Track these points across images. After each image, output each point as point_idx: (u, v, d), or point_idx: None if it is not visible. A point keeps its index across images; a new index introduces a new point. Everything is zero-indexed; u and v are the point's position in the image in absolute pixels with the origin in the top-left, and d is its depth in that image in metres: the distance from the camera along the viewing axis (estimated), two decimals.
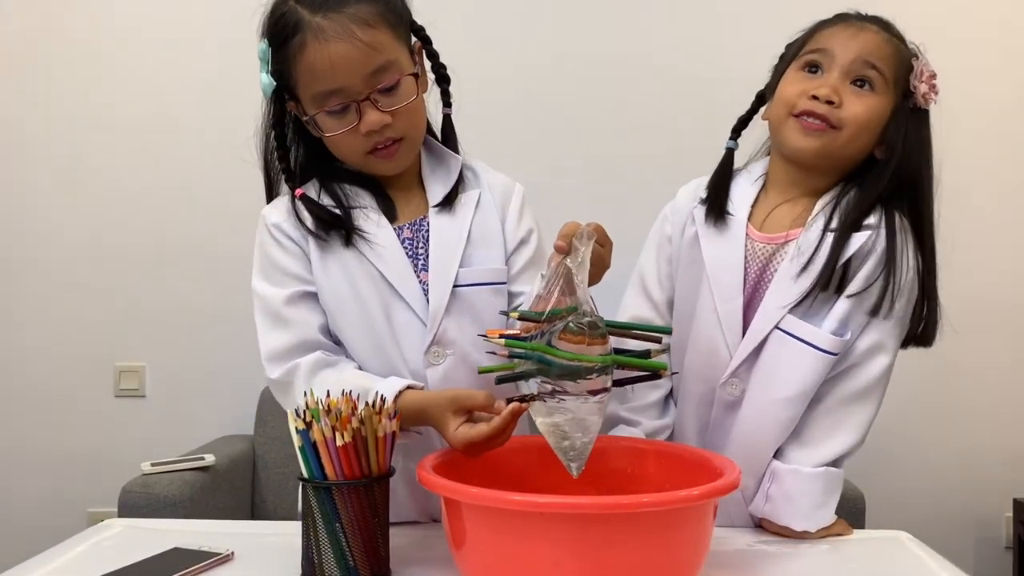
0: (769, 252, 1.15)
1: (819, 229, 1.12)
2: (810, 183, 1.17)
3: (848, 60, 1.11)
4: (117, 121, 2.40)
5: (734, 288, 1.14)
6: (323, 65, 1.04)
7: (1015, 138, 2.38)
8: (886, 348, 1.14)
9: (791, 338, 1.11)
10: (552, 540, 0.80)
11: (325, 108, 1.07)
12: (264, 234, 1.15)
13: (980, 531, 2.39)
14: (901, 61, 1.13)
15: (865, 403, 1.14)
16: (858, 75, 1.11)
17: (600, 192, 2.34)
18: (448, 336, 1.12)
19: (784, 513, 1.11)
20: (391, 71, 1.07)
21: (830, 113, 1.10)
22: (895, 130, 1.12)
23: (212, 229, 2.38)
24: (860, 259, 1.11)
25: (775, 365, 1.12)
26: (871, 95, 1.11)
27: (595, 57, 2.37)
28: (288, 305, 1.11)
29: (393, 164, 1.13)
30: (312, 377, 1.07)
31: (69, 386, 2.41)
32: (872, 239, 1.11)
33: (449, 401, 0.99)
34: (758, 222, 1.17)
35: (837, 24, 1.16)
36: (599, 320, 0.88)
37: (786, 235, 1.15)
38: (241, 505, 2.19)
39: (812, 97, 1.11)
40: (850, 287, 1.10)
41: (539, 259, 1.20)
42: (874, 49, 1.12)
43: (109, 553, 1.03)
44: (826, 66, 1.13)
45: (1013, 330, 2.36)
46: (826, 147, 1.12)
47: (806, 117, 1.11)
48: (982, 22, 2.35)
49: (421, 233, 1.15)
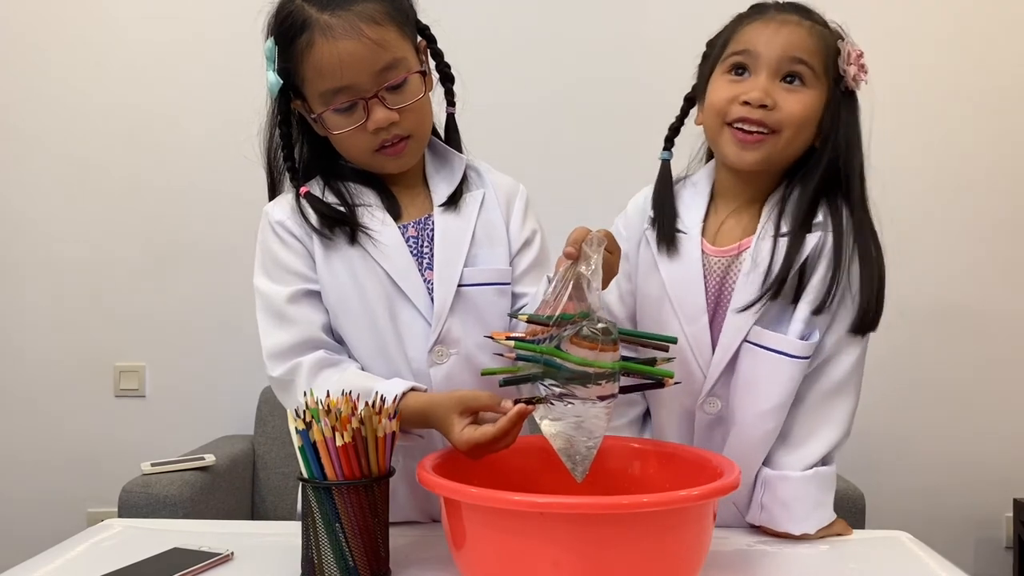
0: (724, 265, 1.13)
1: (770, 237, 1.10)
2: (755, 187, 1.14)
3: (775, 58, 1.07)
4: (117, 121, 2.40)
5: (698, 308, 1.12)
6: (331, 63, 1.04)
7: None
8: (850, 342, 1.11)
9: (761, 349, 1.09)
10: (552, 540, 0.80)
11: (332, 106, 1.07)
12: (267, 231, 1.15)
13: (980, 531, 2.39)
14: (827, 48, 1.09)
15: (843, 396, 1.12)
16: (787, 72, 1.08)
17: (604, 193, 2.33)
18: (452, 335, 1.12)
19: (781, 519, 1.11)
20: (398, 69, 1.07)
21: (766, 117, 1.07)
22: (829, 118, 1.10)
23: (212, 229, 2.38)
24: (813, 260, 1.09)
25: (751, 378, 1.10)
26: (804, 90, 1.08)
27: (600, 57, 2.37)
28: (290, 303, 1.11)
29: (400, 162, 1.13)
30: (314, 377, 1.07)
31: (69, 386, 2.41)
32: (822, 238, 1.09)
33: (455, 402, 0.99)
34: (711, 236, 1.15)
35: (756, 20, 1.11)
36: (612, 327, 0.88)
37: (738, 246, 1.12)
38: (241, 505, 2.19)
39: (744, 103, 1.07)
40: (807, 294, 1.08)
41: (543, 260, 1.20)
42: (799, 42, 1.08)
43: (109, 553, 1.03)
44: (752, 67, 1.09)
45: (1013, 330, 2.36)
46: (767, 155, 1.09)
47: (741, 125, 1.08)
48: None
49: (426, 232, 1.15)
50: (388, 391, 1.00)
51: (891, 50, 2.28)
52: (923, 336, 2.31)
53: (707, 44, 1.19)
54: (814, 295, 1.08)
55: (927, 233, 2.31)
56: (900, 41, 2.32)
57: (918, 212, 2.31)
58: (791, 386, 1.09)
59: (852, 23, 1.13)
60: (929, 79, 2.35)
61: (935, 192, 2.32)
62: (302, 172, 1.16)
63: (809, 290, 1.08)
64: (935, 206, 2.32)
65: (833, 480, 1.13)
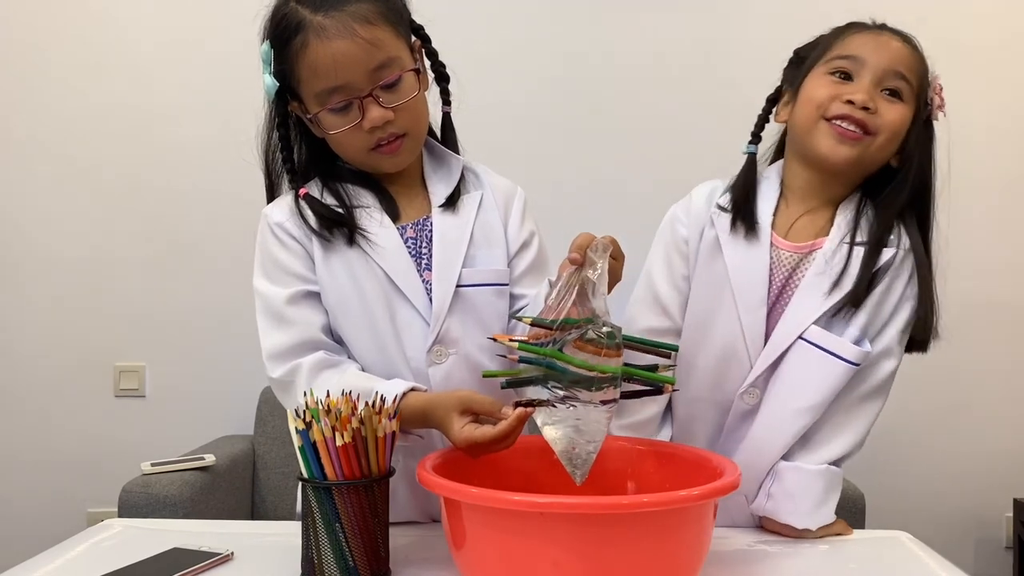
0: (795, 261, 1.14)
1: (845, 242, 1.13)
2: (830, 190, 1.17)
3: (881, 69, 1.11)
4: (117, 121, 2.40)
5: (759, 298, 1.13)
6: (325, 63, 1.05)
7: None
8: (893, 353, 1.15)
9: (815, 348, 1.11)
10: (552, 540, 0.80)
11: (328, 106, 1.07)
12: (266, 233, 1.15)
13: (980, 531, 2.39)
14: (923, 73, 1.14)
15: (871, 404, 1.15)
16: (889, 84, 1.12)
17: (602, 194, 2.34)
18: (451, 335, 1.12)
19: (785, 511, 1.12)
20: (392, 67, 1.08)
21: (867, 118, 1.10)
22: (914, 141, 1.14)
23: (212, 229, 2.38)
24: (883, 272, 1.12)
25: (796, 375, 1.12)
26: (901, 104, 1.12)
27: (598, 57, 2.37)
28: (290, 304, 1.11)
29: (396, 160, 1.13)
30: (314, 378, 1.07)
31: (69, 386, 2.41)
32: (895, 255, 1.13)
33: (456, 401, 0.99)
34: (783, 231, 1.16)
35: (864, 31, 1.15)
36: (616, 331, 0.88)
37: (812, 244, 1.15)
38: (241, 505, 2.19)
39: (847, 102, 1.10)
40: (868, 304, 1.12)
41: (541, 262, 1.21)
42: (903, 59, 1.12)
43: (109, 553, 1.03)
44: (856, 73, 1.12)
45: (1013, 331, 2.36)
46: (860, 155, 1.12)
47: (841, 122, 1.11)
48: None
49: (424, 233, 1.15)
50: (388, 391, 1.00)
51: None
52: None
53: (797, 50, 1.23)
54: (874, 306, 1.12)
55: None
56: None
57: None
58: (833, 388, 1.11)
59: None
60: None
61: None
62: (300, 174, 1.17)
63: (871, 301, 1.12)
64: None
65: (840, 482, 1.14)
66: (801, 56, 1.22)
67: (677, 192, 1.26)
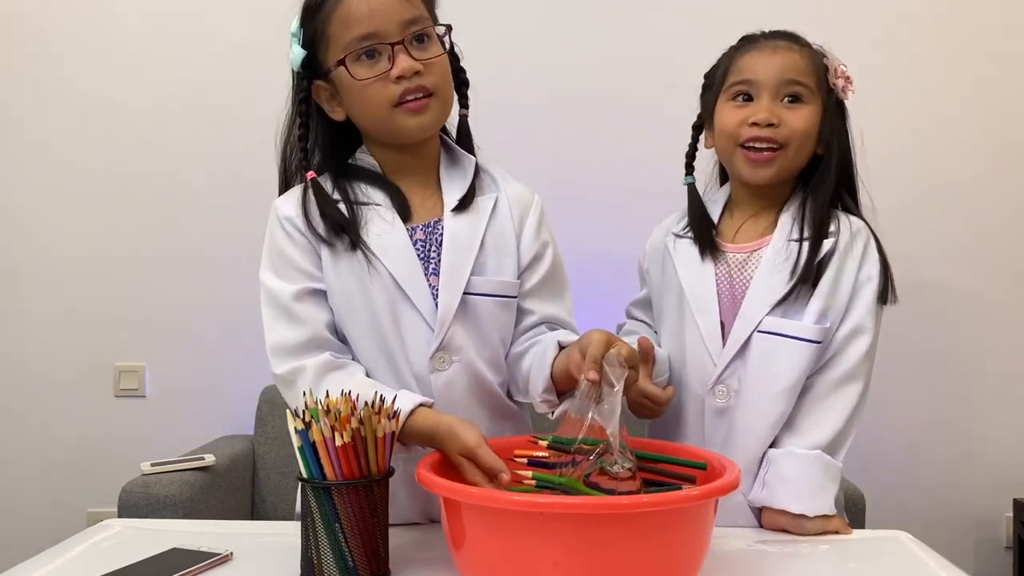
0: (741, 261, 1.24)
1: (791, 239, 1.21)
2: (769, 197, 1.27)
3: (774, 82, 1.21)
4: (117, 120, 2.40)
5: (710, 298, 1.23)
6: (360, 11, 1.08)
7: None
8: (865, 330, 1.20)
9: (775, 336, 1.18)
10: (551, 540, 0.80)
11: (357, 51, 1.09)
12: (275, 226, 1.15)
13: (980, 531, 2.39)
14: (818, 67, 1.23)
15: (850, 386, 1.19)
16: (786, 92, 1.22)
17: (615, 193, 2.33)
18: (455, 343, 1.11)
19: (781, 494, 1.13)
20: (424, 24, 1.11)
21: (775, 134, 1.20)
22: (828, 128, 1.23)
23: (213, 229, 2.37)
24: (830, 258, 1.20)
25: (762, 365, 1.18)
26: (803, 107, 1.22)
27: (611, 60, 2.35)
28: (296, 300, 1.11)
29: (421, 120, 1.11)
30: (319, 380, 1.06)
31: (69, 386, 2.41)
32: (837, 242, 1.21)
33: (462, 446, 0.95)
34: (729, 237, 1.27)
35: (751, 50, 1.25)
36: (632, 461, 0.89)
37: (756, 244, 1.24)
38: (241, 505, 2.19)
39: (752, 124, 1.21)
40: (820, 288, 1.18)
41: (552, 276, 1.20)
42: (793, 65, 1.22)
43: (108, 553, 1.03)
44: (755, 93, 1.23)
45: (1013, 330, 2.36)
46: (778, 170, 1.22)
47: (752, 144, 1.21)
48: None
49: (435, 236, 1.14)
50: (398, 405, 0.99)
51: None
52: (923, 336, 2.31)
53: (705, 76, 1.33)
54: (828, 290, 1.18)
55: (924, 235, 2.32)
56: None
57: (918, 212, 2.32)
58: (802, 368, 1.17)
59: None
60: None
61: (930, 189, 2.33)
62: (315, 167, 1.17)
63: (823, 286, 1.18)
64: (934, 204, 2.33)
65: (838, 475, 1.17)
66: (708, 82, 1.32)
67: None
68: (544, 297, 1.18)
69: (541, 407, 1.10)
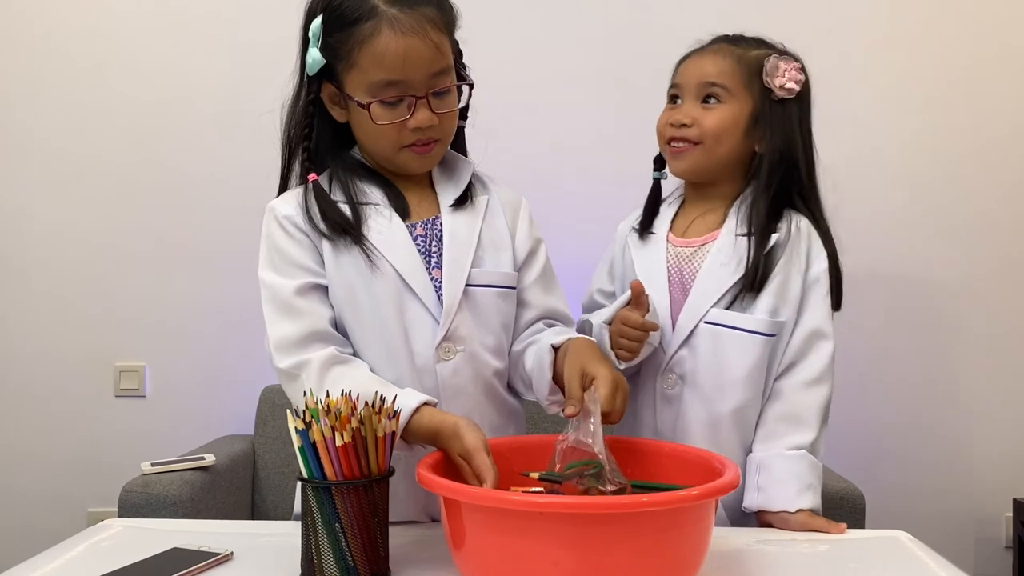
0: (689, 255, 1.30)
1: (738, 233, 1.26)
2: (718, 191, 1.32)
3: (693, 86, 1.30)
4: (118, 120, 2.40)
5: (660, 290, 1.28)
6: (394, 55, 1.07)
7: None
8: (827, 335, 1.25)
9: (721, 328, 1.23)
10: (552, 540, 0.80)
11: (380, 97, 1.09)
12: (273, 226, 1.15)
13: (980, 531, 2.39)
14: (745, 67, 1.28)
15: (820, 387, 1.23)
16: (704, 94, 1.29)
17: (633, 187, 2.32)
18: (459, 333, 1.13)
19: (778, 498, 1.17)
20: (448, 76, 1.12)
21: (687, 133, 1.28)
22: (764, 124, 1.28)
23: (213, 229, 2.37)
24: (777, 254, 1.24)
25: (712, 355, 1.23)
26: (720, 106, 1.28)
27: (624, 49, 2.36)
28: (298, 295, 1.11)
29: (424, 162, 1.16)
30: (324, 374, 1.07)
31: (69, 386, 2.41)
32: (783, 236, 1.25)
33: (462, 447, 0.96)
34: (680, 231, 1.33)
35: (688, 57, 1.34)
36: (622, 477, 0.94)
37: (704, 239, 1.29)
38: (241, 505, 2.19)
39: (671, 124, 1.30)
40: (769, 284, 1.23)
41: (548, 270, 1.25)
42: (711, 69, 1.29)
43: (108, 553, 1.03)
44: (681, 95, 1.32)
45: (1013, 330, 2.36)
46: (695, 162, 1.30)
47: (672, 143, 1.31)
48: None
49: (434, 232, 1.16)
50: (400, 405, 0.99)
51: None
52: (923, 336, 2.32)
53: None
54: (779, 288, 1.23)
55: (922, 235, 2.32)
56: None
57: (917, 213, 2.32)
58: (754, 361, 1.22)
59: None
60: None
61: (940, 191, 2.33)
62: (315, 165, 1.17)
63: (773, 283, 1.23)
64: (934, 206, 2.33)
65: (820, 471, 1.21)
66: None
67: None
68: (542, 291, 1.23)
69: (551, 409, 1.14)
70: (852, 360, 2.30)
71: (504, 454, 0.98)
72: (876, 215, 2.31)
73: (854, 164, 2.32)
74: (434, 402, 1.05)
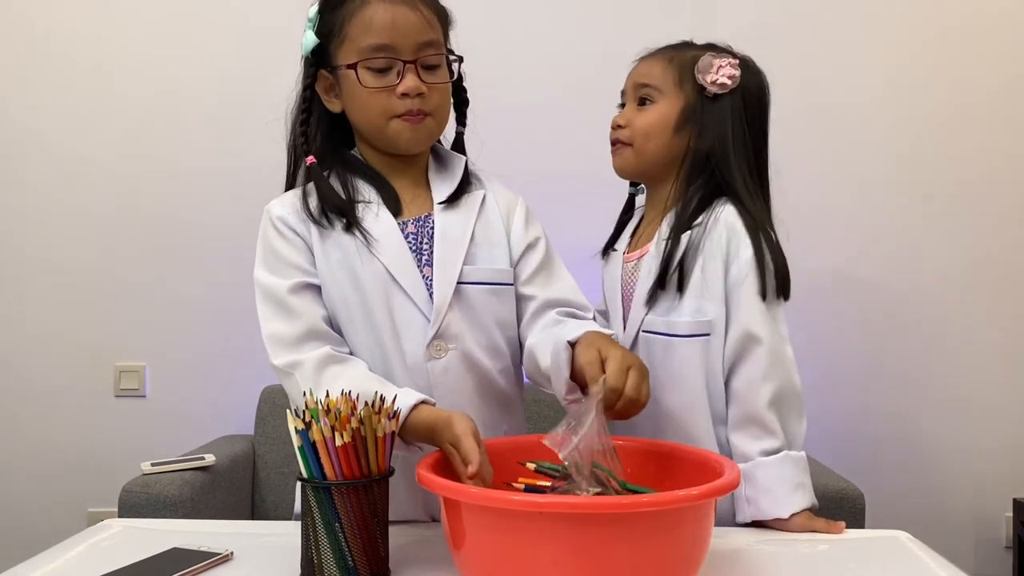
0: (631, 269, 1.31)
1: (662, 237, 1.26)
2: (659, 196, 1.33)
3: (631, 89, 1.33)
4: (118, 120, 2.40)
5: (616, 306, 1.33)
6: (382, 21, 1.10)
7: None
8: (758, 339, 1.19)
9: (656, 336, 1.24)
10: (552, 540, 0.80)
11: (369, 61, 1.11)
12: (268, 227, 1.17)
13: (980, 531, 2.39)
14: (678, 68, 1.29)
15: (768, 384, 1.18)
16: (639, 96, 1.32)
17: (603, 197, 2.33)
18: (451, 331, 1.13)
19: (768, 506, 1.15)
20: (437, 51, 1.14)
21: (619, 134, 1.32)
22: (694, 120, 1.28)
23: (213, 229, 2.38)
24: (691, 255, 1.23)
25: (658, 363, 1.22)
26: (651, 107, 1.30)
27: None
28: (292, 294, 1.12)
29: (415, 134, 1.15)
30: (319, 374, 1.07)
31: (69, 386, 2.41)
32: (699, 233, 1.23)
33: (456, 438, 0.95)
34: (635, 245, 1.35)
35: (633, 65, 1.35)
36: (617, 487, 0.93)
37: (641, 251, 1.31)
38: (241, 505, 2.19)
39: (611, 127, 1.34)
40: (689, 285, 1.22)
41: (549, 262, 1.23)
42: (644, 72, 1.32)
43: (108, 553, 1.03)
44: (625, 99, 1.35)
45: (1013, 329, 2.36)
46: (626, 161, 1.32)
47: (613, 144, 1.34)
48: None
49: (426, 229, 1.17)
50: (400, 403, 0.99)
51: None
52: (922, 336, 2.32)
53: None
54: (699, 286, 1.22)
55: (924, 236, 2.32)
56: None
57: (912, 212, 2.32)
58: (698, 363, 1.21)
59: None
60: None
61: (923, 193, 2.34)
62: (315, 153, 1.18)
63: (693, 282, 1.22)
64: (935, 206, 2.33)
65: (806, 464, 1.19)
66: None
67: None
68: (543, 283, 1.21)
69: (571, 408, 1.09)
70: (852, 360, 2.31)
71: (504, 454, 0.98)
72: (877, 215, 2.31)
73: (854, 164, 2.32)
74: (432, 402, 1.05)
